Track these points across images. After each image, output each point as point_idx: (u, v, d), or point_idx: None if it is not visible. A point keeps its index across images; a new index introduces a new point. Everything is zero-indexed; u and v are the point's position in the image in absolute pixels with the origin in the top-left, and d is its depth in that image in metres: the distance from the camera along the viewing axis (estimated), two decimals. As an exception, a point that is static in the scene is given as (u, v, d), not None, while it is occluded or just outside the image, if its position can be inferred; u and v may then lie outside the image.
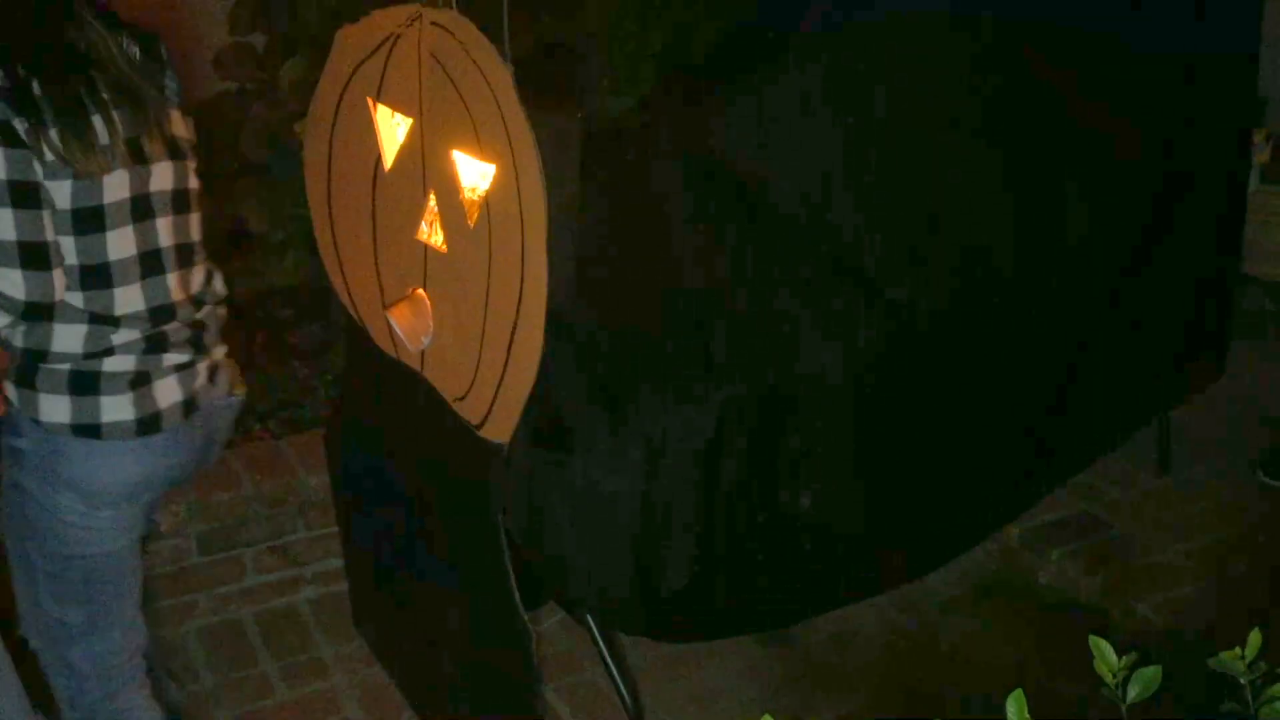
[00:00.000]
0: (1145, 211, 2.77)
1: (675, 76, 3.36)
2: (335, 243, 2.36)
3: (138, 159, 1.80)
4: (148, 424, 1.85)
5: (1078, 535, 3.05)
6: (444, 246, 2.05)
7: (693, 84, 3.11)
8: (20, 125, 1.66)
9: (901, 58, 2.33)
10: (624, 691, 2.35)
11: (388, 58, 2.07)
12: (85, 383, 1.81)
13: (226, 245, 3.48)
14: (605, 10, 3.53)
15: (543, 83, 2.25)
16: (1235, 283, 3.14)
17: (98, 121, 1.73)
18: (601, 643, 2.34)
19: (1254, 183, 3.18)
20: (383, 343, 2.29)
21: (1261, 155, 3.30)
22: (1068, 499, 3.09)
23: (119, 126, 1.76)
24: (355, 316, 2.38)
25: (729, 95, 2.37)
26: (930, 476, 2.53)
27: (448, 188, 2.01)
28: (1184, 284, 2.94)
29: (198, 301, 1.95)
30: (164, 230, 1.86)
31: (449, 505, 2.29)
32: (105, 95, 1.75)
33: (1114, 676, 0.99)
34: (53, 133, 1.68)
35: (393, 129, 2.14)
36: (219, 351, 2.02)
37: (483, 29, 1.85)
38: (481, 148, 1.91)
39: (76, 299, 1.78)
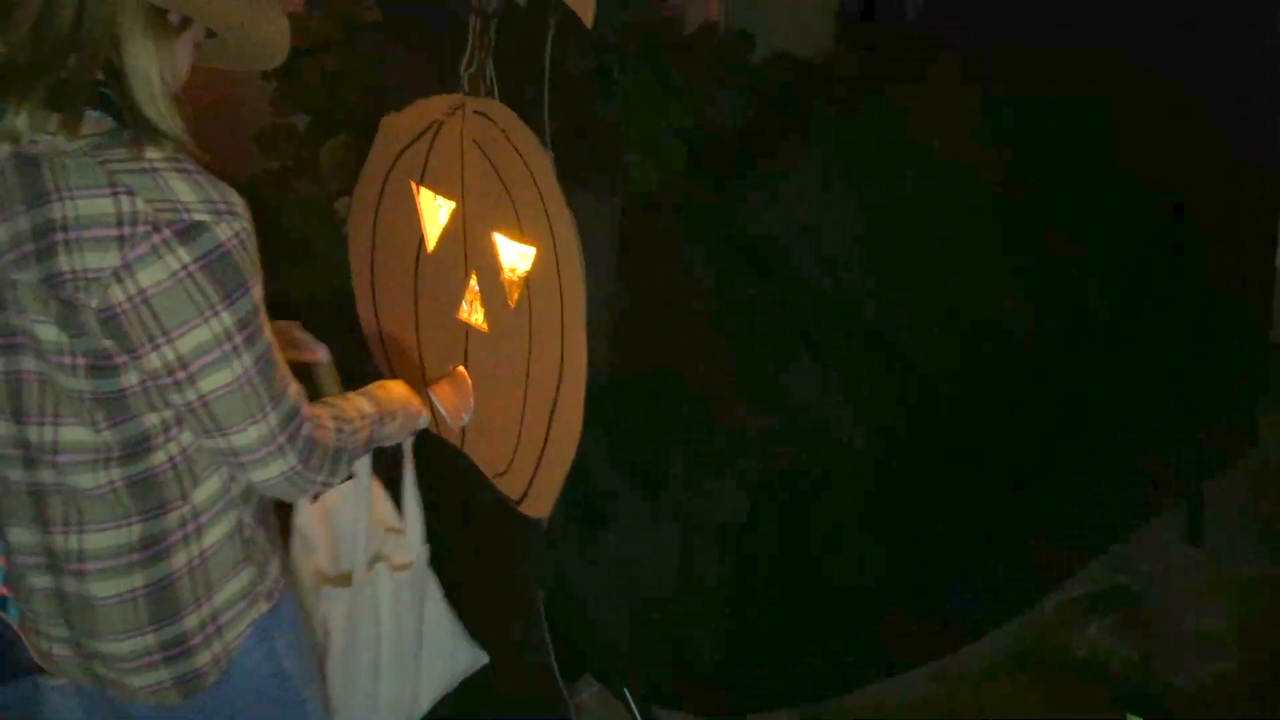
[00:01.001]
0: (1171, 276, 2.81)
1: (703, 151, 3.43)
2: (378, 320, 2.42)
3: None
4: None
5: (1113, 607, 3.04)
6: (485, 326, 2.11)
7: (720, 159, 3.19)
8: None
9: (924, 132, 2.39)
10: (660, 765, 2.36)
11: (431, 144, 2.15)
12: None
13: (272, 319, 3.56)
14: (632, 88, 3.62)
15: (578, 163, 2.31)
16: (1265, 350, 3.15)
17: None
18: (638, 716, 2.35)
19: (1280, 255, 3.20)
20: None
21: (1287, 228, 3.32)
22: (1102, 571, 3.08)
23: None
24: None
25: (757, 171, 2.44)
26: (963, 549, 2.55)
27: (489, 269, 2.07)
28: (1212, 349, 2.96)
29: None
30: None
31: (487, 578, 2.32)
32: None
33: (1152, 756, 1.01)
34: None
35: (435, 212, 2.21)
36: None
37: (523, 117, 1.93)
38: (522, 231, 1.97)
39: None
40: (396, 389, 1.84)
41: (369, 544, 1.97)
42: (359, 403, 1.70)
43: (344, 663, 1.95)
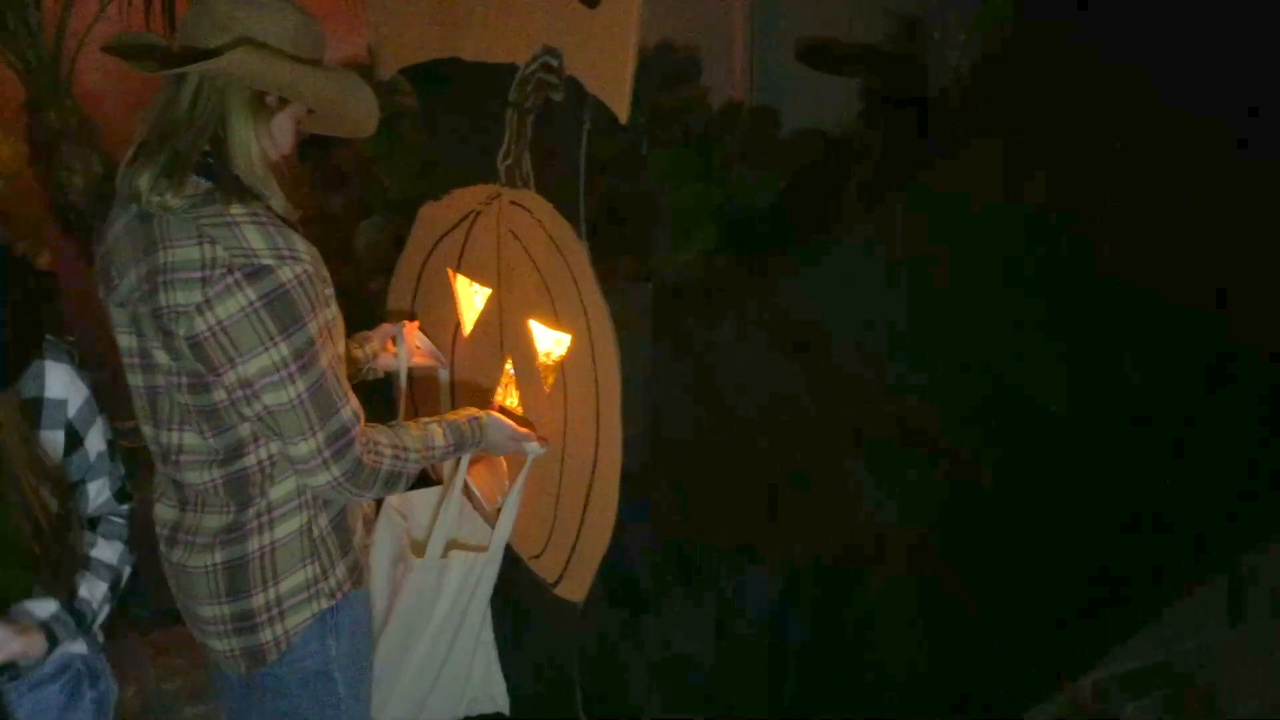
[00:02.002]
0: (1208, 354, 2.80)
1: (733, 229, 3.48)
2: (414, 403, 2.45)
3: None
4: None
5: (1154, 685, 3.00)
6: (520, 409, 2.13)
7: (755, 241, 3.23)
8: None
9: (958, 218, 2.42)
10: None
11: (468, 232, 2.20)
12: None
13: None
14: (661, 168, 3.68)
15: (611, 248, 2.35)
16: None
17: None
18: (673, 800, 2.33)
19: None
20: (459, 500, 2.36)
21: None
22: (1141, 648, 3.04)
23: None
24: (431, 473, 2.46)
25: (792, 256, 2.47)
26: (1000, 627, 2.53)
27: (524, 354, 2.10)
28: (1251, 422, 2.94)
29: None
30: None
31: (523, 660, 2.32)
32: None
33: None
34: None
35: (471, 298, 2.25)
36: None
37: (558, 208, 1.97)
38: (557, 317, 2.00)
39: None
40: (495, 424, 1.98)
41: (446, 527, 2.11)
42: (433, 433, 1.88)
43: (399, 630, 2.10)
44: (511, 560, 2.18)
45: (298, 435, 1.64)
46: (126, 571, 1.77)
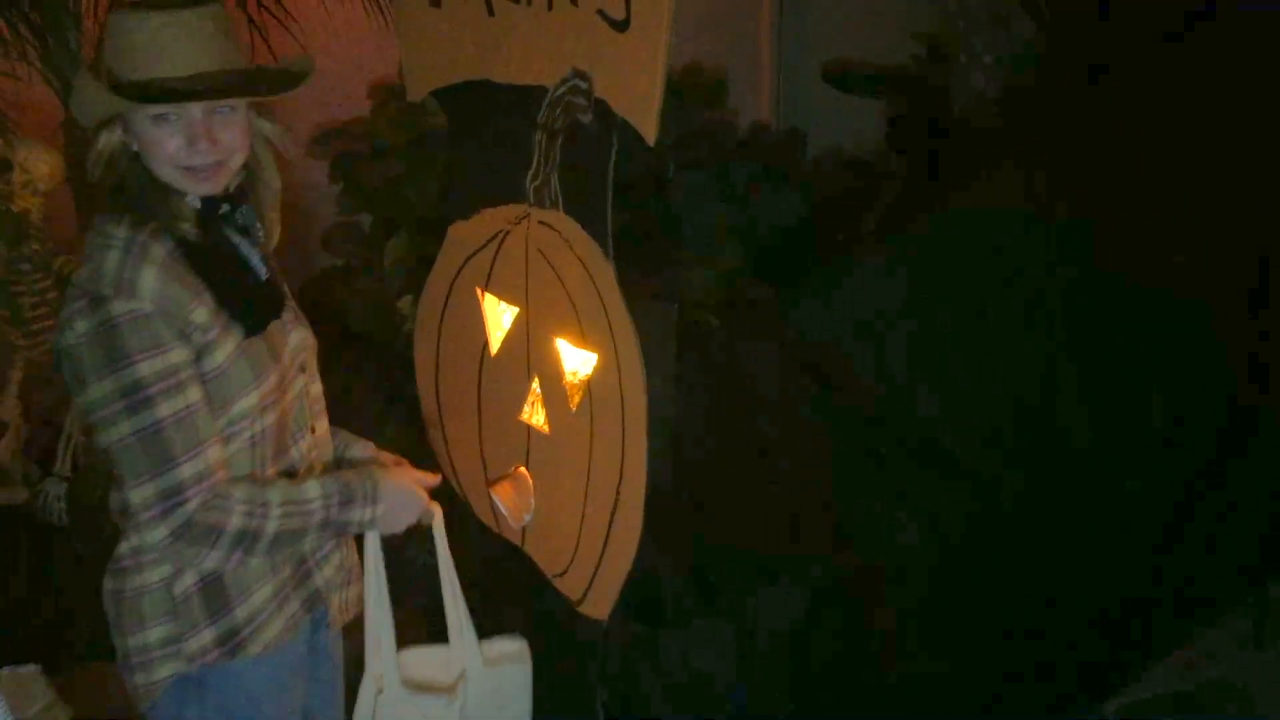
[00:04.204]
0: (1234, 386, 2.79)
1: (761, 253, 3.50)
2: (441, 420, 2.47)
3: None
4: None
5: (1178, 712, 2.97)
6: (546, 427, 2.15)
7: (775, 263, 3.24)
8: None
9: (977, 247, 2.43)
10: None
11: (497, 251, 2.22)
12: None
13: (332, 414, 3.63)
14: (692, 188, 3.70)
15: (638, 267, 2.37)
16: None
17: None
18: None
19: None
20: (484, 517, 2.38)
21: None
22: (1164, 675, 3.02)
23: None
24: (458, 490, 2.48)
25: (812, 279, 2.48)
26: (1021, 650, 2.52)
27: (551, 373, 2.12)
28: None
29: None
30: None
31: (546, 677, 2.33)
32: None
33: None
34: None
35: (499, 317, 2.27)
36: None
37: (586, 228, 1.99)
38: (584, 337, 2.02)
39: None
40: (390, 477, 1.80)
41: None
42: (307, 487, 1.68)
43: None
44: (536, 577, 2.20)
45: (132, 479, 1.54)
46: None
